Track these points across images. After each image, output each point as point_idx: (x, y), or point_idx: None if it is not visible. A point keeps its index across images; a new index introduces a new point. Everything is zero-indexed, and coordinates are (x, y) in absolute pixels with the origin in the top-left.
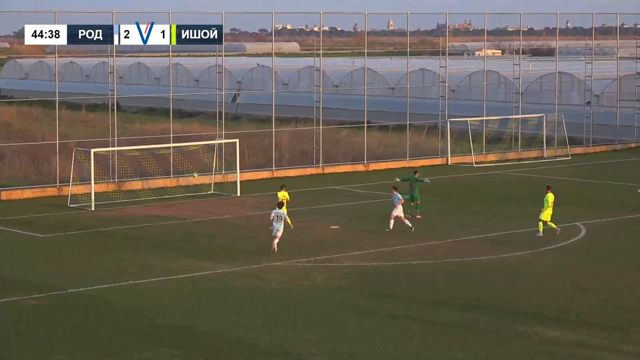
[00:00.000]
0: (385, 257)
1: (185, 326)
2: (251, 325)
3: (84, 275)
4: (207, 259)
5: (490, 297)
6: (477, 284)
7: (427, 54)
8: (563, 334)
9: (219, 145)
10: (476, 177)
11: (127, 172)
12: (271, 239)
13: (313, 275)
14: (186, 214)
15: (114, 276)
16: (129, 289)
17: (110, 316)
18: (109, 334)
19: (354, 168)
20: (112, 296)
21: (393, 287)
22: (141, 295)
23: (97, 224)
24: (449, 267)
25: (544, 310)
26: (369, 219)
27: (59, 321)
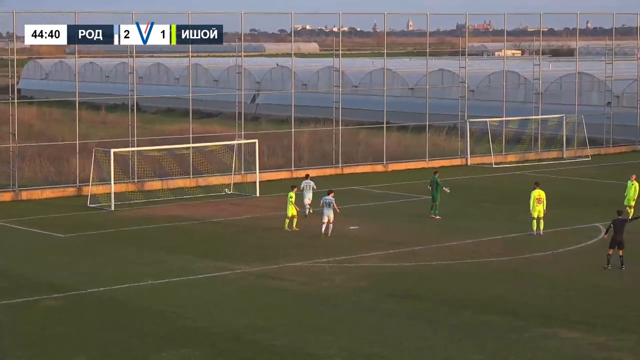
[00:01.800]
0: (404, 257)
1: (203, 327)
2: (269, 327)
3: (104, 276)
4: (226, 260)
5: (509, 299)
6: (496, 285)
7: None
8: (583, 336)
9: (238, 145)
10: (496, 178)
11: (146, 172)
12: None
13: (332, 276)
14: (205, 214)
15: (133, 276)
16: (148, 290)
17: (129, 316)
18: (127, 334)
19: (373, 168)
20: (131, 296)
21: (412, 288)
22: (160, 295)
23: (117, 224)
24: (468, 268)
25: (563, 312)
26: (388, 219)
27: (78, 321)
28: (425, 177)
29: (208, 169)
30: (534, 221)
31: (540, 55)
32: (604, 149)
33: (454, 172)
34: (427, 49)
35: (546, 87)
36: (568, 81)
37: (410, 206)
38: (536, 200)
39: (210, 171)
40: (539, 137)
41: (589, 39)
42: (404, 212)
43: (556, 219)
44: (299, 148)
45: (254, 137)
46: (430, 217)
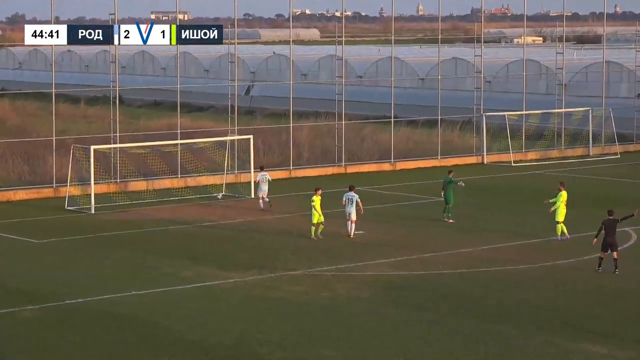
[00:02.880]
0: (413, 265)
1: (194, 340)
2: (266, 339)
3: (84, 285)
4: (219, 267)
5: (528, 310)
6: (514, 295)
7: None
8: (611, 351)
9: (231, 142)
10: (515, 178)
11: (130, 171)
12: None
13: (334, 285)
14: (195, 217)
15: (116, 286)
16: (134, 300)
17: (113, 330)
18: (110, 350)
19: (379, 167)
20: (115, 308)
21: (421, 298)
22: (147, 306)
23: (98, 229)
24: (483, 277)
25: (589, 325)
26: (396, 223)
27: (56, 335)
28: (437, 177)
29: (198, 168)
30: (558, 225)
31: (563, 42)
32: (634, 146)
33: (469, 171)
34: (439, 35)
35: (570, 78)
36: (594, 71)
37: (420, 209)
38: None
39: (201, 170)
40: (563, 132)
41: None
42: (413, 216)
43: (581, 223)
44: (298, 145)
45: (249, 133)
46: (442, 220)
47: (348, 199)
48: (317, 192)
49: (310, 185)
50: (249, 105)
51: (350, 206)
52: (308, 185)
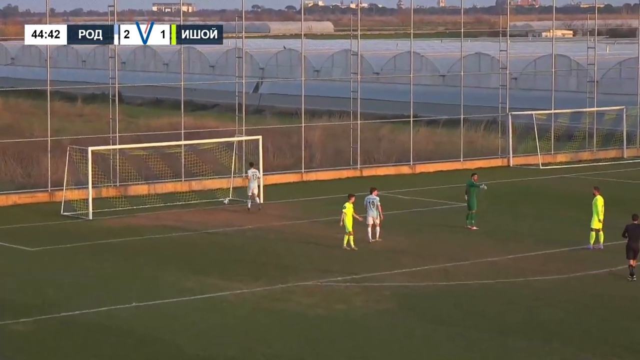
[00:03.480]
0: (435, 275)
1: (198, 355)
2: (275, 355)
3: (80, 296)
4: (225, 278)
5: (556, 324)
6: (541, 308)
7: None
8: None
9: (238, 143)
10: (543, 182)
11: (130, 174)
12: None
13: (349, 297)
14: (200, 223)
15: (115, 297)
16: (133, 313)
17: (111, 344)
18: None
19: (397, 170)
20: (113, 320)
21: (443, 311)
22: (147, 319)
23: (96, 236)
24: (508, 289)
25: (619, 341)
26: (415, 230)
27: (50, 350)
28: (459, 181)
29: (203, 171)
30: (592, 233)
31: (595, 36)
32: None
33: (494, 174)
34: (462, 28)
35: (603, 74)
36: (629, 67)
37: (441, 215)
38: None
39: (206, 173)
40: (595, 133)
41: None
42: (434, 222)
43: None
44: (310, 146)
45: (257, 133)
46: (465, 227)
47: (369, 202)
48: (350, 199)
49: (323, 189)
50: (258, 103)
51: (372, 210)
52: (321, 189)
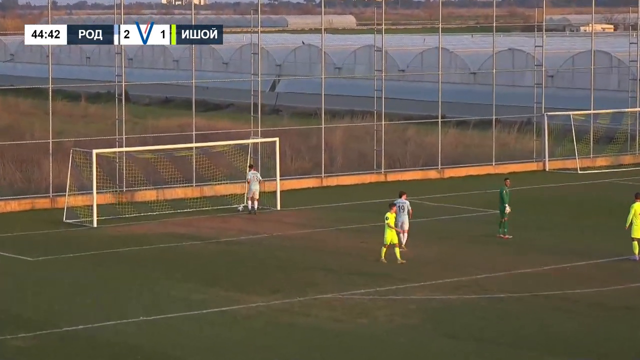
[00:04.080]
0: (465, 288)
1: None
2: None
3: (84, 310)
4: (239, 290)
5: (595, 343)
6: (579, 324)
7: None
8: None
9: (253, 145)
10: (581, 188)
11: (137, 179)
12: None
13: (372, 311)
14: (212, 232)
15: (121, 311)
16: (141, 327)
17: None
18: None
19: (424, 175)
20: (119, 336)
21: (473, 327)
22: (156, 335)
23: (100, 245)
24: (544, 302)
25: None
26: (444, 239)
27: None
28: (491, 186)
29: (215, 175)
30: (634, 242)
31: (638, 30)
32: None
33: (528, 179)
34: (494, 22)
35: None
36: None
37: (472, 223)
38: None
39: (219, 178)
40: (638, 135)
41: None
42: (464, 231)
43: None
44: (331, 148)
45: (274, 135)
46: (498, 236)
47: (399, 207)
48: (391, 208)
49: (345, 195)
50: (275, 103)
51: (402, 214)
52: (342, 195)
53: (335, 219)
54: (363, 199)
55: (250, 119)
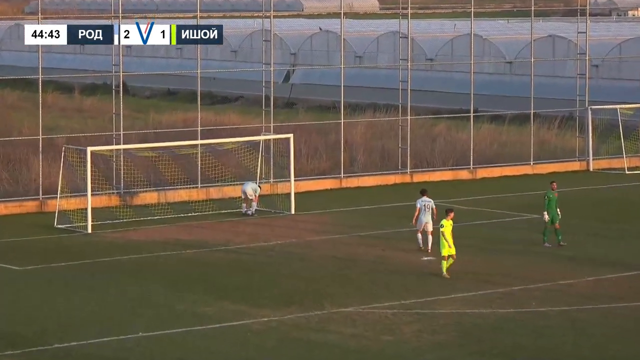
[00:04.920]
0: (499, 301)
1: None
2: None
3: (78, 325)
4: (250, 303)
5: None
6: (624, 342)
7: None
8: None
9: (265, 142)
10: (629, 189)
11: (137, 179)
12: None
13: (397, 327)
14: (220, 239)
15: (118, 326)
16: (141, 344)
17: None
18: None
19: (455, 175)
20: (117, 354)
21: (509, 345)
22: (158, 352)
23: (95, 253)
24: (586, 318)
25: None
26: (476, 247)
27: None
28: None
29: (223, 176)
30: None
31: None
32: None
33: (570, 180)
34: (532, 6)
35: None
36: None
37: (507, 229)
38: None
39: (227, 178)
40: None
41: None
42: (498, 238)
43: None
44: (351, 146)
45: (288, 131)
46: (544, 245)
47: (424, 206)
48: (448, 215)
49: (367, 197)
50: (289, 95)
51: (426, 214)
52: (363, 197)
53: (356, 225)
54: (386, 202)
55: (262, 113)
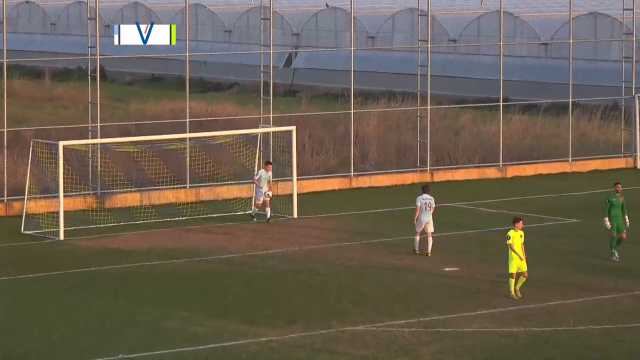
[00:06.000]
0: (531, 318)
1: None
2: None
3: (48, 346)
4: (247, 321)
5: None
6: None
7: None
8: None
9: (264, 136)
10: None
11: (116, 178)
12: None
13: (415, 347)
14: (212, 247)
15: (95, 347)
16: None
17: None
18: None
19: (482, 173)
20: None
21: None
22: None
23: (69, 263)
24: (633, 338)
25: None
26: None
27: None
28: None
29: (215, 174)
30: None
31: None
32: None
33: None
34: None
35: None
36: None
37: (541, 236)
38: None
39: (220, 177)
40: None
41: None
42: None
43: None
44: (362, 140)
45: (290, 123)
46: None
47: (425, 204)
48: (516, 224)
49: (380, 199)
50: (291, 82)
51: (427, 214)
52: (376, 199)
53: (368, 231)
54: (403, 205)
55: (260, 102)
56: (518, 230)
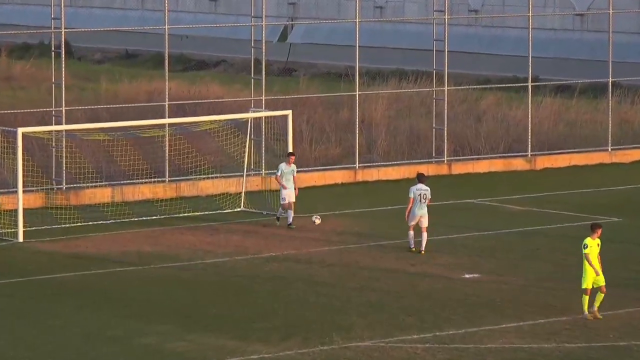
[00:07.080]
0: (566, 332)
1: None
2: None
3: None
4: (236, 336)
5: None
6: None
7: None
8: None
9: (255, 121)
10: None
11: (84, 171)
12: None
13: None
14: (195, 250)
15: None
16: None
17: None
18: None
19: (506, 165)
20: None
21: None
22: None
23: (30, 269)
24: None
25: None
26: (534, 261)
27: None
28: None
29: (199, 166)
30: None
31: None
32: None
33: None
34: None
35: None
36: None
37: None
38: None
39: (204, 169)
40: None
41: None
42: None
43: None
44: (369, 127)
45: (286, 106)
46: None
47: (420, 195)
48: (594, 232)
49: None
50: (286, 59)
51: (421, 206)
52: (385, 194)
53: (375, 231)
54: None
55: (250, 82)
56: (596, 239)
